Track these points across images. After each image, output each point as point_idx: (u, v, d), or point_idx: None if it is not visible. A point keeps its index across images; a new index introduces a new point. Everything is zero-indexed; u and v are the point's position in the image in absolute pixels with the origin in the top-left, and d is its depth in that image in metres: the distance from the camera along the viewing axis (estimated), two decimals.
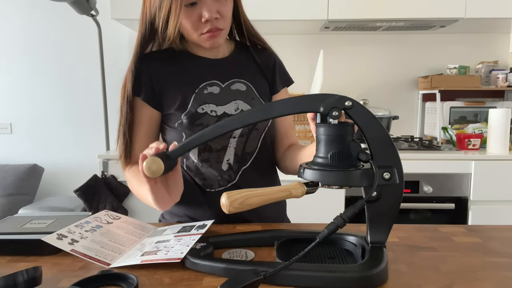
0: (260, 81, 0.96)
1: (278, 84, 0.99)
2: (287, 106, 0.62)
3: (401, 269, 0.62)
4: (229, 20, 0.87)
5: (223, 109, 0.89)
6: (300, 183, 0.62)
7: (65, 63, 2.52)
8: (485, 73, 2.36)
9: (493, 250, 0.70)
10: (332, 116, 0.59)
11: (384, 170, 0.59)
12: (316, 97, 0.60)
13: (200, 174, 0.91)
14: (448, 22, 2.14)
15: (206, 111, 0.88)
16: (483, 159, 1.91)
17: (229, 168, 0.91)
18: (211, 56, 0.93)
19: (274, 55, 1.00)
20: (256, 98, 0.93)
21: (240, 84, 0.93)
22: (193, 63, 0.92)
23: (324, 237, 0.55)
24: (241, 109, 0.90)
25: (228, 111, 0.89)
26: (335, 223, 0.56)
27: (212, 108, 0.89)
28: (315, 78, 2.25)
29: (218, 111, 0.89)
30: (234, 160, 0.91)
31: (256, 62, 0.97)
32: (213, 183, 0.91)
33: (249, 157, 0.92)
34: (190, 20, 0.82)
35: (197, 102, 0.88)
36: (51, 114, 2.56)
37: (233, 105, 0.90)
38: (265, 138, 0.94)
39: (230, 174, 0.91)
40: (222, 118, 0.88)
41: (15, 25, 2.49)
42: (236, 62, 0.95)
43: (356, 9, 2.03)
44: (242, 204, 0.59)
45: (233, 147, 0.90)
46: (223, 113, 0.89)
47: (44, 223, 0.76)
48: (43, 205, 2.20)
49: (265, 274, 0.50)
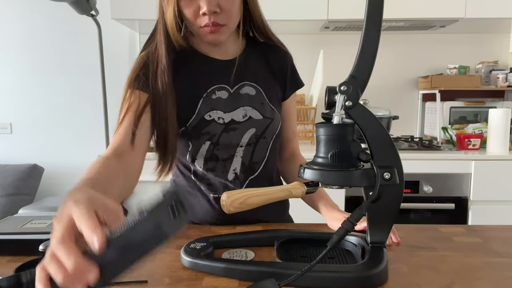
0: (271, 84, 0.91)
1: (288, 90, 0.95)
2: None
3: (401, 269, 0.62)
4: (234, 15, 0.80)
5: (230, 116, 0.86)
6: (300, 183, 0.62)
7: (65, 63, 2.52)
8: (485, 73, 2.36)
9: (493, 250, 0.70)
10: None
11: (384, 170, 0.59)
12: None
13: (205, 180, 0.89)
14: (448, 22, 2.14)
15: (213, 117, 0.84)
16: (483, 159, 1.91)
17: (236, 178, 0.88)
18: (220, 57, 0.89)
19: (288, 56, 0.95)
20: (266, 103, 0.89)
21: (250, 87, 0.88)
22: (202, 65, 0.87)
23: (335, 243, 0.54)
24: (249, 116, 0.87)
25: (236, 118, 0.86)
26: (344, 228, 0.55)
27: (219, 115, 0.85)
28: (315, 78, 2.25)
29: (226, 118, 0.85)
30: (241, 170, 0.88)
31: (269, 63, 0.92)
32: (218, 190, 0.89)
33: (257, 166, 0.89)
34: (189, 10, 0.77)
35: (205, 107, 0.85)
36: (51, 114, 2.56)
37: (241, 111, 0.86)
38: (273, 146, 0.91)
39: (236, 184, 0.88)
40: (229, 125, 0.85)
41: (15, 25, 2.49)
42: (246, 62, 0.90)
43: (356, 9, 2.03)
44: (242, 204, 0.59)
45: (240, 156, 0.87)
46: (230, 120, 0.86)
47: (44, 223, 0.76)
48: (43, 205, 2.20)
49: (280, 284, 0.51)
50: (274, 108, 0.90)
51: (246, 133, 0.87)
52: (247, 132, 0.87)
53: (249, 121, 0.87)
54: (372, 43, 0.57)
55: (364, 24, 0.57)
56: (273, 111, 0.90)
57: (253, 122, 0.87)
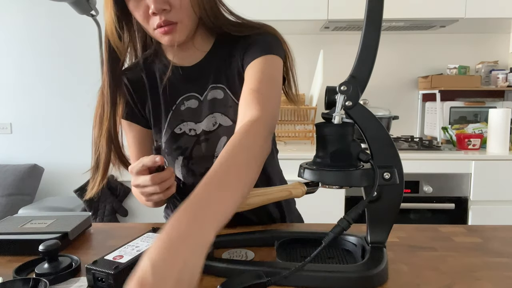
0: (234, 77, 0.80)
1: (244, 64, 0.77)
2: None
3: (401, 269, 0.62)
4: (186, 11, 0.72)
5: (201, 126, 0.81)
6: (300, 183, 0.62)
7: (65, 63, 2.52)
8: (485, 73, 2.36)
9: (493, 250, 0.70)
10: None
11: (384, 170, 0.59)
12: None
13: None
14: (448, 22, 2.14)
15: (184, 130, 0.81)
16: (483, 159, 1.91)
17: None
18: (187, 62, 0.82)
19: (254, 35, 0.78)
20: (234, 105, 0.80)
21: (217, 90, 0.81)
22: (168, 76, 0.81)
23: (330, 241, 0.55)
24: (219, 123, 0.81)
25: (206, 128, 0.81)
26: (340, 226, 0.55)
27: (190, 127, 0.81)
28: (315, 78, 2.25)
29: (197, 129, 0.81)
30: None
31: (232, 55, 0.80)
32: None
33: None
34: (139, 12, 0.71)
35: (175, 120, 0.81)
36: (51, 114, 2.56)
37: (211, 119, 0.81)
38: None
39: None
40: (201, 136, 0.81)
41: (15, 25, 2.49)
42: (213, 63, 0.81)
43: (356, 9, 2.03)
44: (242, 204, 0.59)
45: None
46: (202, 131, 0.81)
47: (44, 223, 0.76)
48: (43, 205, 2.20)
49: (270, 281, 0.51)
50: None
51: (218, 142, 0.82)
52: (220, 141, 0.82)
53: (219, 129, 0.81)
54: (372, 43, 0.57)
55: (364, 24, 0.57)
56: None
57: (223, 130, 0.81)
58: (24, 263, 0.63)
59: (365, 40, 0.57)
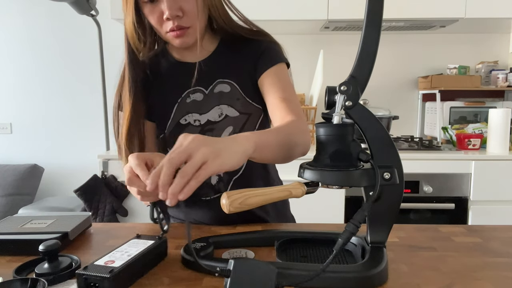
0: (246, 76, 0.87)
1: (260, 68, 0.85)
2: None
3: (401, 269, 0.62)
4: (196, 16, 0.79)
5: (206, 117, 0.86)
6: (300, 183, 0.62)
7: (65, 63, 2.52)
8: (485, 73, 2.36)
9: (493, 250, 0.70)
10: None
11: (384, 170, 0.59)
12: None
13: None
14: (448, 22, 2.14)
15: (189, 121, 0.85)
16: (483, 159, 1.91)
17: (219, 180, 0.88)
18: (193, 59, 0.88)
19: (265, 43, 0.87)
20: (242, 98, 0.86)
21: (224, 84, 0.86)
22: (174, 71, 0.88)
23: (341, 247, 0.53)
24: (225, 114, 0.86)
25: (211, 119, 0.85)
26: (349, 231, 0.54)
27: (195, 118, 0.86)
28: (315, 78, 2.25)
29: (202, 119, 0.86)
30: (224, 171, 0.87)
31: (243, 55, 0.87)
32: (207, 193, 0.89)
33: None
34: (153, 17, 0.78)
35: (180, 112, 0.85)
36: (51, 114, 2.56)
37: (217, 110, 0.86)
38: None
39: (221, 187, 0.88)
40: (206, 126, 0.85)
41: (15, 25, 2.49)
42: (219, 59, 0.88)
43: (356, 9, 2.03)
44: (242, 204, 0.59)
45: None
46: (206, 121, 0.85)
47: (44, 223, 0.76)
48: (43, 205, 2.20)
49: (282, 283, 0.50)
50: (252, 102, 0.87)
51: (223, 132, 0.86)
52: (225, 131, 0.86)
53: (225, 120, 0.86)
54: (372, 43, 0.57)
55: (364, 24, 0.57)
56: (250, 105, 0.87)
57: (229, 120, 0.86)
58: (24, 263, 0.63)
59: (365, 40, 0.57)
